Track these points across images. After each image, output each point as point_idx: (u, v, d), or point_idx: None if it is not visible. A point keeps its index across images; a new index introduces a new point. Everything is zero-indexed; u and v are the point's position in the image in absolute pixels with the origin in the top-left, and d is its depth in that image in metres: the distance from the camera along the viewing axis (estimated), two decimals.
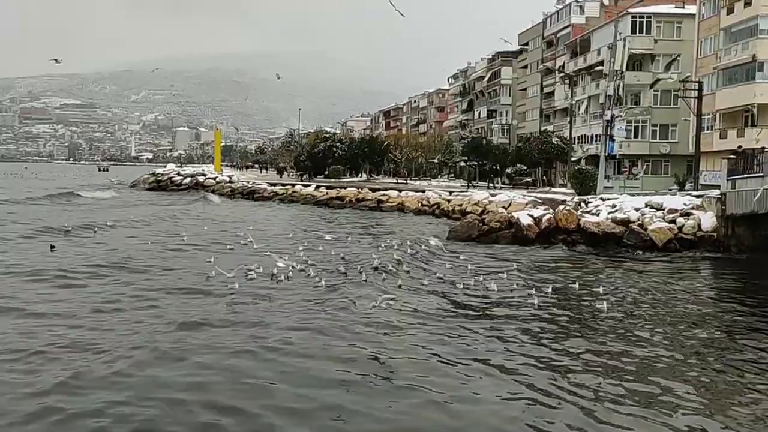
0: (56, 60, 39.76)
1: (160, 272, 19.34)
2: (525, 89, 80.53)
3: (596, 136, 53.15)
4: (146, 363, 10.77)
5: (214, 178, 68.54)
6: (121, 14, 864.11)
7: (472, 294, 17.17)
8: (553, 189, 53.12)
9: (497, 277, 19.35)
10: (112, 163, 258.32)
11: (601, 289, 17.62)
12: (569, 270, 22.07)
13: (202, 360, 11.01)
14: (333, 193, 52.52)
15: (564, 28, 69.10)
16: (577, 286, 18.25)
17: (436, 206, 43.40)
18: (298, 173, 76.96)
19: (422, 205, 44.46)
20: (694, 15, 49.80)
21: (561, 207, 30.90)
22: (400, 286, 17.25)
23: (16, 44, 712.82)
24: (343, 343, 12.16)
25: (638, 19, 53.81)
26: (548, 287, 17.78)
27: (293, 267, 18.57)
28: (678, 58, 46.85)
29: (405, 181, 62.63)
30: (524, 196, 40.55)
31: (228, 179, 68.28)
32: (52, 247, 23.47)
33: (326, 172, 72.04)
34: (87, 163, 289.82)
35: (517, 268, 21.20)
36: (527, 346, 12.60)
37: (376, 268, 19.22)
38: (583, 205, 32.01)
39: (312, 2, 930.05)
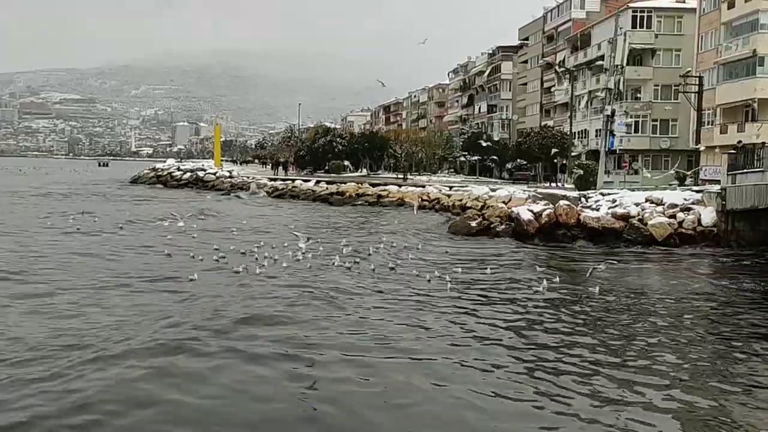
0: None
1: None
2: (525, 84, 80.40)
3: (597, 131, 53.14)
4: None
5: (214, 173, 68.36)
6: (120, 9, 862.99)
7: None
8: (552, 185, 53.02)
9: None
10: (111, 158, 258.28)
11: (597, 289, 17.49)
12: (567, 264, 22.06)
13: None
14: (333, 188, 52.38)
15: (564, 22, 69.01)
16: (571, 280, 18.28)
17: (436, 201, 43.24)
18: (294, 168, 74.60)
19: (422, 201, 44.28)
20: (694, 9, 49.72)
21: (561, 201, 30.86)
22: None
23: (15, 39, 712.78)
24: None
25: (639, 14, 53.80)
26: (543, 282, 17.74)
27: None
28: None
29: (404, 177, 61.90)
30: (524, 191, 40.50)
31: (228, 174, 68.13)
32: None
33: (326, 167, 71.99)
34: (87, 158, 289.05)
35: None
36: (522, 338, 12.63)
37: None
38: (583, 200, 32.01)
39: None
